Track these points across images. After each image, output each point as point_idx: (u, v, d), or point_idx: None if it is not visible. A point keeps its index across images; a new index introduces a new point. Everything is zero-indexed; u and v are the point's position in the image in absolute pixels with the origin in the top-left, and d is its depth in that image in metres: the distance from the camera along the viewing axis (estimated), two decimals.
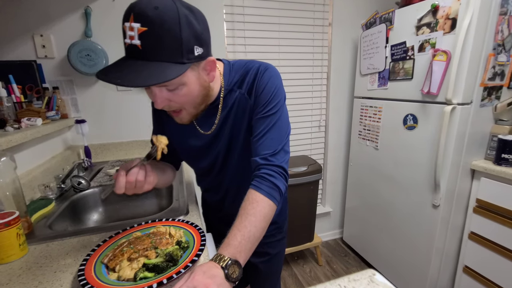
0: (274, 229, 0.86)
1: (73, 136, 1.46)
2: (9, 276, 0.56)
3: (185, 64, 0.50)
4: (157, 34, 0.46)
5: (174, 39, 0.47)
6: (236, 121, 0.67)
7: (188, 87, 0.55)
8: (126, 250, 0.57)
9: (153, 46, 0.47)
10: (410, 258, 1.52)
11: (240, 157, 0.71)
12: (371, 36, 1.61)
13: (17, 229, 0.62)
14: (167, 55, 0.48)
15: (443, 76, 1.23)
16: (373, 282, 0.39)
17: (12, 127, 1.00)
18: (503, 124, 1.25)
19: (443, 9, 1.20)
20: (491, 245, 1.23)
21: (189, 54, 0.51)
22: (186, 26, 0.48)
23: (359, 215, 1.94)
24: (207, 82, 0.59)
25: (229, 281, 0.46)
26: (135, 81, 0.46)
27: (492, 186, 1.22)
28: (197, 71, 0.55)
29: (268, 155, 0.61)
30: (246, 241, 0.52)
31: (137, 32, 0.46)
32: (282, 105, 0.65)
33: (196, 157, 0.77)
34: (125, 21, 0.47)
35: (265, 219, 0.56)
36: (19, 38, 1.29)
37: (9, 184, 0.69)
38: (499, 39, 1.16)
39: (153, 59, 0.48)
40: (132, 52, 0.48)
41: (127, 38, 0.47)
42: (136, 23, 0.45)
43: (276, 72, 0.66)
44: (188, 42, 0.49)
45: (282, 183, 0.60)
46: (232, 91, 0.66)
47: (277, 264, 0.92)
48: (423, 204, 1.41)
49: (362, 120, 1.79)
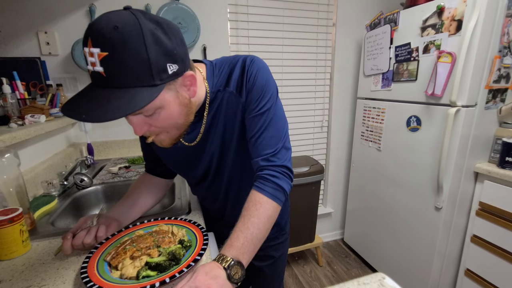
0: (277, 231, 0.84)
1: (76, 133, 1.46)
2: (12, 272, 0.56)
3: (158, 86, 0.45)
4: (120, 58, 0.41)
5: (140, 61, 0.42)
6: (227, 122, 0.62)
7: (166, 109, 0.49)
8: (129, 248, 0.57)
9: (118, 72, 0.42)
10: (411, 260, 1.51)
11: (235, 160, 0.67)
12: (375, 37, 1.61)
13: (21, 225, 0.62)
14: (135, 80, 0.43)
15: (447, 78, 1.22)
16: (383, 286, 0.38)
17: (16, 123, 1.01)
18: (507, 127, 1.25)
19: (448, 11, 1.19)
20: (494, 249, 1.23)
21: (161, 74, 0.45)
22: (153, 43, 0.42)
23: (360, 216, 1.93)
24: (188, 99, 0.53)
25: (232, 282, 0.46)
26: (102, 116, 0.41)
27: (495, 189, 1.22)
28: (174, 90, 0.49)
29: (269, 155, 0.58)
30: (249, 243, 0.51)
31: (97, 58, 0.40)
32: (275, 99, 0.61)
33: (186, 169, 0.73)
34: (84, 46, 0.42)
35: (268, 220, 0.55)
36: (24, 35, 1.29)
37: (12, 181, 0.70)
38: (505, 41, 1.15)
39: (120, 86, 0.42)
40: (97, 80, 0.43)
41: (89, 64, 0.42)
42: (95, 48, 0.40)
43: (263, 63, 0.61)
44: (157, 62, 0.43)
45: (286, 183, 0.59)
46: (219, 92, 0.61)
47: (281, 266, 0.91)
48: (425, 206, 1.40)
49: (365, 121, 1.79)
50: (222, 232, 0.77)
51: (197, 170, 0.71)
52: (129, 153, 1.51)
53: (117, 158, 1.41)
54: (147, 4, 1.41)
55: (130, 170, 1.20)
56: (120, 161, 1.33)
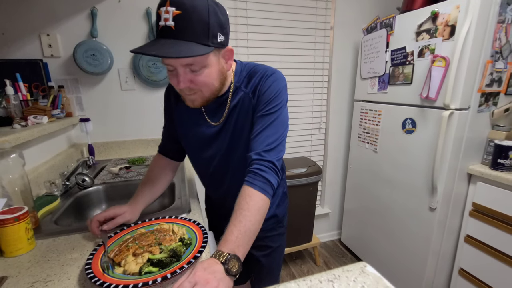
0: (274, 222, 0.89)
1: (77, 134, 1.48)
2: (18, 268, 0.58)
3: (209, 47, 0.56)
4: (189, 17, 0.53)
5: (202, 23, 0.54)
6: (239, 119, 0.71)
7: (209, 69, 0.60)
8: (132, 245, 0.59)
9: (185, 27, 0.53)
10: (407, 259, 1.54)
11: (241, 155, 0.73)
12: (371, 41, 1.64)
13: (26, 223, 0.64)
14: (196, 36, 0.54)
15: (441, 82, 1.25)
16: (364, 272, 0.43)
17: (19, 124, 1.03)
18: (499, 129, 1.28)
19: (442, 16, 1.23)
20: (487, 249, 1.25)
21: (213, 39, 0.56)
22: (213, 14, 0.55)
23: (357, 217, 1.96)
24: (225, 70, 0.65)
25: (230, 275, 0.49)
26: (168, 53, 0.52)
27: (488, 191, 1.25)
28: (218, 56, 0.61)
29: (262, 151, 0.64)
30: (242, 235, 0.54)
31: (171, 15, 0.52)
32: (282, 107, 0.69)
33: (200, 147, 0.79)
34: (161, 6, 0.53)
35: (259, 212, 0.58)
36: (26, 37, 1.31)
37: (17, 180, 0.72)
38: (496, 46, 1.18)
39: (183, 38, 0.54)
40: (166, 32, 0.54)
41: (162, 20, 0.53)
42: (172, 7, 0.52)
43: (282, 77, 0.71)
44: (213, 28, 0.56)
45: (273, 177, 0.63)
46: (239, 89, 0.71)
47: (278, 258, 0.95)
48: (420, 207, 1.43)
49: (362, 123, 1.81)
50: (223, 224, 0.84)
51: (208, 151, 0.78)
52: (129, 154, 1.53)
53: (118, 158, 1.43)
54: (148, 7, 1.43)
55: (131, 170, 1.23)
56: (121, 162, 1.35)
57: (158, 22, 0.54)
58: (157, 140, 1.62)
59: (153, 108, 1.59)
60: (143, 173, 1.18)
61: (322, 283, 0.41)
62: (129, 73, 1.50)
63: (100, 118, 1.51)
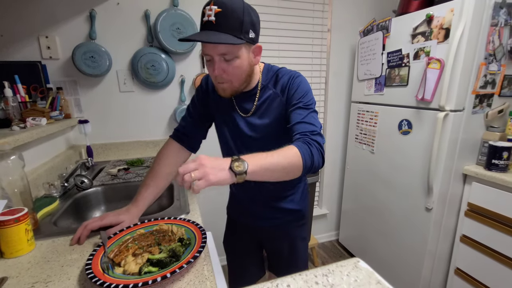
0: (298, 215, 0.95)
1: (76, 136, 1.49)
2: (18, 269, 0.59)
3: (242, 39, 0.66)
4: (227, 14, 0.63)
5: (238, 20, 0.64)
6: (265, 113, 0.79)
7: (240, 60, 0.69)
8: (131, 246, 0.60)
9: (223, 22, 0.63)
10: (404, 259, 1.55)
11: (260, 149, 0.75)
12: (368, 43, 1.66)
13: (26, 225, 0.64)
14: (231, 30, 0.64)
15: (436, 84, 1.27)
16: (357, 267, 0.46)
17: (18, 126, 1.03)
18: (494, 130, 1.30)
19: (437, 19, 1.25)
20: (482, 248, 1.27)
21: (246, 34, 0.66)
22: (247, 13, 0.65)
23: (355, 218, 1.97)
24: (253, 63, 0.74)
25: (232, 171, 0.53)
26: (210, 39, 0.63)
27: (483, 191, 1.26)
28: (248, 50, 0.70)
29: (308, 132, 0.68)
30: (260, 159, 0.57)
31: (214, 12, 0.63)
32: (314, 106, 0.76)
33: (229, 135, 0.86)
34: (206, 6, 0.64)
35: (285, 158, 0.60)
36: (25, 39, 1.32)
37: (17, 181, 0.72)
38: (490, 49, 1.20)
39: (222, 31, 0.64)
40: (208, 26, 0.64)
41: (206, 16, 0.64)
42: (214, 5, 0.63)
43: (306, 80, 0.79)
44: (246, 25, 0.65)
45: (318, 155, 0.65)
46: (267, 88, 0.80)
47: (298, 254, 0.97)
48: (416, 207, 1.45)
49: (359, 124, 1.83)
50: (242, 221, 0.99)
51: (233, 140, 0.86)
52: (127, 155, 1.54)
53: (116, 160, 1.43)
54: (147, 9, 1.44)
55: (129, 172, 1.23)
56: (119, 163, 1.36)
57: (202, 18, 0.65)
58: (156, 142, 1.64)
59: (151, 110, 1.60)
60: (142, 175, 1.19)
61: (317, 277, 0.43)
62: (128, 75, 1.51)
63: (98, 119, 1.51)
